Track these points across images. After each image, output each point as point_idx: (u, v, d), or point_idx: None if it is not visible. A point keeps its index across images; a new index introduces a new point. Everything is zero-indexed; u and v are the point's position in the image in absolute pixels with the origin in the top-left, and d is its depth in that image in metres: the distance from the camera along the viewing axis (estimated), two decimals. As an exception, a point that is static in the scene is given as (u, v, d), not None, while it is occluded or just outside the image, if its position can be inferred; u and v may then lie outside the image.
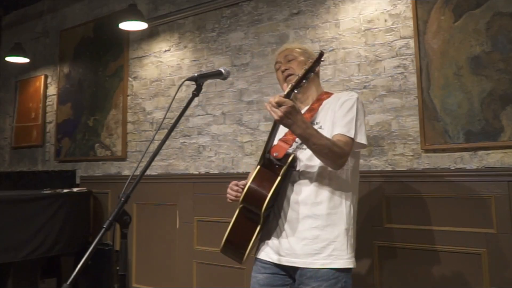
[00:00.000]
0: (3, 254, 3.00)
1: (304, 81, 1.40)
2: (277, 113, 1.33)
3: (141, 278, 3.55)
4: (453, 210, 2.27)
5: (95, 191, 3.83)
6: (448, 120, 2.31)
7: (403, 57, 2.50)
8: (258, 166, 1.54)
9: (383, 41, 2.57)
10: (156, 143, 3.11)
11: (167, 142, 1.60)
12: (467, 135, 2.26)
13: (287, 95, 1.38)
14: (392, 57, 2.53)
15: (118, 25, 3.38)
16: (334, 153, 1.48)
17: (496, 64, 2.20)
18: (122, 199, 1.23)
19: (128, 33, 3.78)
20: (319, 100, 1.74)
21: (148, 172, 2.58)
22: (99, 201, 3.89)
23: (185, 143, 3.43)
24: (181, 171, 3.42)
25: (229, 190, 1.71)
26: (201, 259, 3.17)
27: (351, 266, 1.56)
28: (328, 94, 1.77)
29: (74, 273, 1.08)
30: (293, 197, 1.60)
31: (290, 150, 1.62)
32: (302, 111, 1.71)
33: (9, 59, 4.27)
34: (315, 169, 1.60)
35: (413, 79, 2.44)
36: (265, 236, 1.64)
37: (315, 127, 1.63)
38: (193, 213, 3.26)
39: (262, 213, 1.49)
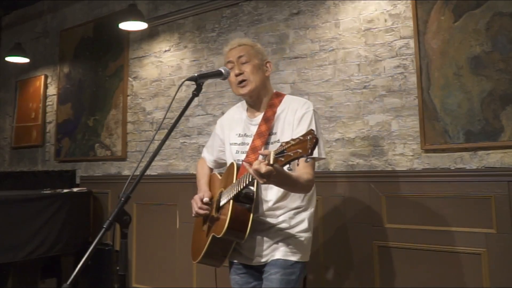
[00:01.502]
0: (3, 254, 2.99)
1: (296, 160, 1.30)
2: (263, 180, 1.33)
3: (141, 278, 3.55)
4: (453, 210, 2.27)
5: (95, 191, 3.83)
6: (448, 120, 2.31)
7: (403, 57, 2.50)
8: (232, 201, 1.57)
9: (383, 41, 2.56)
10: (156, 143, 3.11)
11: (167, 142, 1.61)
12: (467, 135, 2.26)
13: (272, 164, 1.28)
14: (392, 57, 2.53)
15: (118, 25, 3.38)
16: (306, 188, 1.62)
17: (496, 64, 2.20)
18: (122, 199, 1.24)
19: (128, 33, 3.78)
20: (272, 106, 1.73)
21: (148, 172, 2.58)
22: (99, 201, 3.89)
23: (185, 143, 3.43)
24: (181, 171, 3.42)
25: (197, 209, 1.78)
26: (201, 259, 3.16)
27: (305, 260, 1.69)
28: (279, 97, 1.76)
29: (74, 273, 1.09)
30: (257, 210, 1.65)
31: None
32: (258, 121, 1.72)
33: (9, 59, 4.27)
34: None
35: (413, 79, 2.44)
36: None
37: (273, 138, 1.67)
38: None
39: (242, 242, 1.60)
